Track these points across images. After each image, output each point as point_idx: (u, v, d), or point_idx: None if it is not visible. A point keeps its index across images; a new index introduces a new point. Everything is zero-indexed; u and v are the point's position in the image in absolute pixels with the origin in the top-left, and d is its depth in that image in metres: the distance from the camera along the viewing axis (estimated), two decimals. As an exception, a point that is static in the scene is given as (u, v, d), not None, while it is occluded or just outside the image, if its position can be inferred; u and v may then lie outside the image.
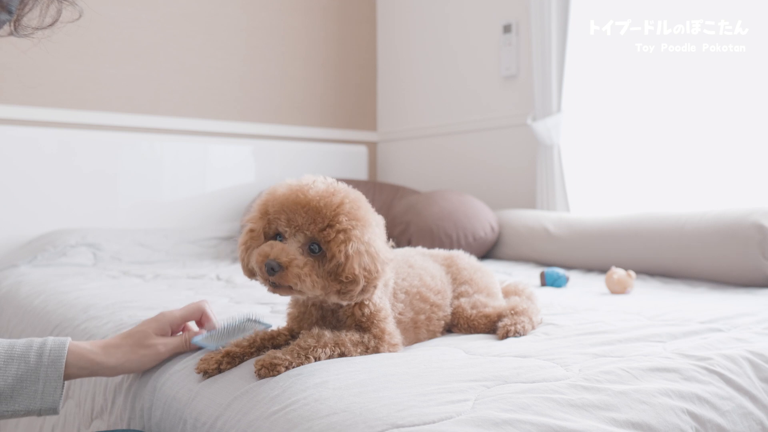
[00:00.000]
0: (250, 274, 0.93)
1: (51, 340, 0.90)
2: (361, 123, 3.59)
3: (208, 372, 0.92)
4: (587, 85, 2.56)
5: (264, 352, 0.95)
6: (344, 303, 0.93)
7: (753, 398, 0.87)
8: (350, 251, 0.84)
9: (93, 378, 1.17)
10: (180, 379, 0.95)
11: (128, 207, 2.84)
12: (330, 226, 0.85)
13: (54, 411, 0.88)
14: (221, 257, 2.68)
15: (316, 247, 0.86)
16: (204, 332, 1.01)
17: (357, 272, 0.85)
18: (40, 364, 0.87)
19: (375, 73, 3.63)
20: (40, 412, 0.87)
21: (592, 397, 0.76)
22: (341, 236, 0.85)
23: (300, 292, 0.87)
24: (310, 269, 0.85)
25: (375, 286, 0.89)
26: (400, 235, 2.54)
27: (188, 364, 0.98)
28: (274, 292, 0.87)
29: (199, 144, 3.04)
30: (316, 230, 0.85)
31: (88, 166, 2.73)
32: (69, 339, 0.92)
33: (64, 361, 0.88)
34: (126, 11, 2.83)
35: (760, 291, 1.70)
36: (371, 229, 0.89)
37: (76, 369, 0.90)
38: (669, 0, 2.29)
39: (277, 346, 0.97)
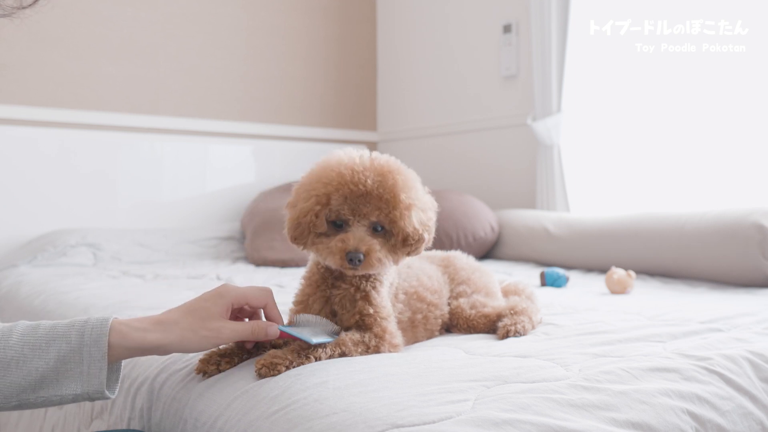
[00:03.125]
0: (294, 240, 0.97)
1: (93, 319, 0.82)
2: (361, 123, 3.59)
3: (207, 372, 0.92)
4: (587, 85, 2.56)
5: (264, 351, 0.95)
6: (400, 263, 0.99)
7: (753, 398, 0.87)
8: (414, 221, 0.93)
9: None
10: (180, 379, 0.95)
11: (128, 207, 2.83)
12: (395, 209, 0.92)
13: (102, 394, 0.80)
14: (221, 257, 2.68)
15: (379, 226, 0.94)
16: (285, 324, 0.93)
17: (421, 232, 0.95)
18: (83, 344, 0.79)
19: (375, 73, 3.63)
20: (90, 396, 0.80)
21: (592, 397, 0.76)
22: (405, 213, 0.93)
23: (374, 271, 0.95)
24: (386, 251, 0.93)
25: (431, 235, 0.99)
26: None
27: (188, 364, 0.98)
28: (351, 274, 0.95)
29: (199, 144, 3.04)
30: (383, 216, 0.93)
31: (87, 166, 2.73)
32: (112, 316, 0.83)
33: (107, 339, 0.80)
34: (126, 11, 2.83)
35: (760, 291, 1.70)
36: (416, 188, 0.97)
37: (123, 350, 0.81)
38: (669, 0, 2.29)
39: (277, 346, 0.97)
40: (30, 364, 0.78)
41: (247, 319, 0.95)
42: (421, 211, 0.95)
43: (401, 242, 0.94)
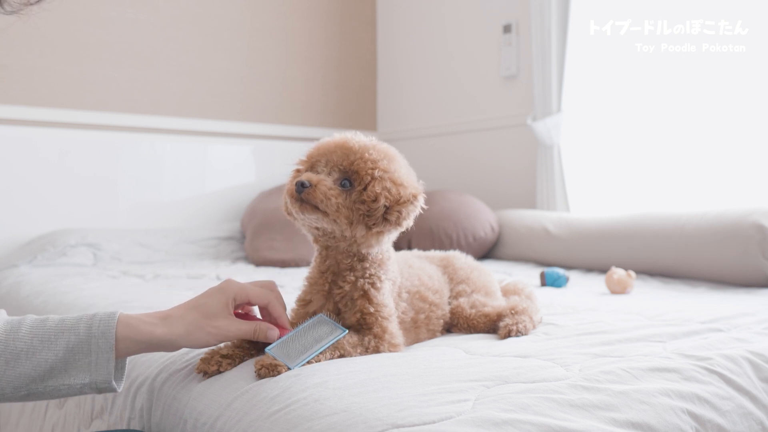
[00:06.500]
0: (287, 211, 1.00)
1: (101, 313, 0.85)
2: (361, 123, 3.59)
3: (208, 372, 0.92)
4: (587, 85, 2.55)
5: (264, 352, 0.95)
6: (372, 246, 0.98)
7: (753, 398, 0.87)
8: (375, 174, 0.94)
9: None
10: (180, 379, 0.95)
11: (128, 207, 2.83)
12: (360, 158, 0.95)
13: (109, 386, 0.82)
14: (221, 257, 2.68)
15: (347, 182, 0.95)
16: (277, 339, 0.91)
17: (379, 191, 0.93)
18: (91, 335, 0.82)
19: (375, 74, 3.63)
20: (97, 387, 0.82)
21: (592, 397, 0.76)
22: (369, 164, 0.95)
23: (325, 213, 0.93)
24: (337, 194, 0.93)
25: (399, 213, 0.95)
26: (400, 235, 2.53)
27: (188, 364, 0.98)
28: (301, 210, 0.93)
29: (200, 144, 3.04)
30: (347, 163, 0.95)
31: (88, 167, 2.73)
32: (119, 311, 0.85)
33: (114, 332, 0.82)
34: (126, 12, 2.83)
35: (760, 291, 1.70)
36: (397, 163, 0.99)
37: (131, 343, 0.83)
38: (669, 0, 2.29)
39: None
40: (39, 356, 0.80)
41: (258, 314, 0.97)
42: (391, 182, 0.95)
43: (359, 196, 0.93)
